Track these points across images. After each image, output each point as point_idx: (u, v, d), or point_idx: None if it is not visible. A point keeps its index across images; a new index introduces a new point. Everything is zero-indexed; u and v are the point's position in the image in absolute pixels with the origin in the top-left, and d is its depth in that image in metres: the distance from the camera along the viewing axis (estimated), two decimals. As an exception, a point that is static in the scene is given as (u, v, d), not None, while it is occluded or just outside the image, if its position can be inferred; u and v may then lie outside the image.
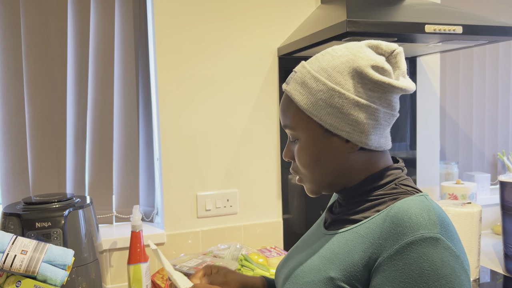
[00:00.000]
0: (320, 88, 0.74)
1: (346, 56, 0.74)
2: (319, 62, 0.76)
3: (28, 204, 1.26)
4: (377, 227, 0.69)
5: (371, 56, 0.73)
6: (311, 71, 0.76)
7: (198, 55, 1.59)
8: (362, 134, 0.74)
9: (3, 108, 1.46)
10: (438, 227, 0.65)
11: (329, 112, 0.73)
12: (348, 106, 0.73)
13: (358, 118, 0.73)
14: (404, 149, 1.90)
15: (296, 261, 0.81)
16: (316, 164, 0.77)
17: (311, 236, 0.86)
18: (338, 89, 0.73)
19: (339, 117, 0.73)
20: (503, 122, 2.23)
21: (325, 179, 0.79)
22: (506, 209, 1.55)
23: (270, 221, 1.72)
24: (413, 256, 0.63)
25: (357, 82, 0.73)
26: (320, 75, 0.74)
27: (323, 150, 0.76)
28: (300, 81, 0.77)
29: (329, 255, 0.73)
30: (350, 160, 0.77)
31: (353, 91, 0.73)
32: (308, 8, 1.71)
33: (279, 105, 1.70)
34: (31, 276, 1.01)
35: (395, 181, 0.76)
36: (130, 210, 1.63)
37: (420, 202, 0.69)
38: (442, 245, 0.64)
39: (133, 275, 1.37)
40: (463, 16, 1.39)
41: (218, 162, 1.64)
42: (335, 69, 0.74)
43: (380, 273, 0.66)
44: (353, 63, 0.73)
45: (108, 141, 1.58)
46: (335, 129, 0.74)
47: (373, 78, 0.72)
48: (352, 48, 0.76)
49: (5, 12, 1.44)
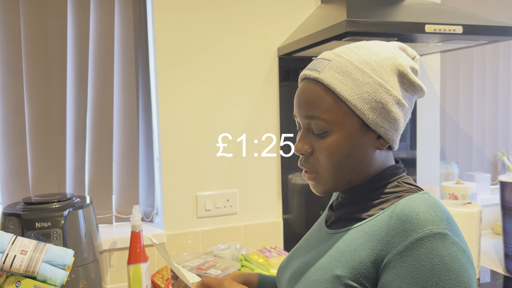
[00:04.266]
0: (366, 80, 0.71)
1: (386, 53, 0.73)
2: (358, 55, 0.73)
3: (28, 204, 1.26)
4: (383, 225, 0.70)
5: (406, 58, 0.75)
6: (353, 62, 0.72)
7: (198, 55, 1.59)
8: (396, 132, 0.75)
9: (3, 108, 1.46)
10: (445, 222, 0.66)
11: (373, 107, 0.71)
12: (391, 102, 0.72)
13: (397, 116, 0.73)
14: (404, 149, 1.90)
15: (300, 261, 0.80)
16: (344, 159, 0.73)
17: (313, 236, 0.86)
18: (384, 84, 0.72)
19: (382, 113, 0.72)
20: (503, 122, 2.23)
21: (346, 176, 0.75)
22: (506, 209, 1.55)
23: (270, 221, 1.72)
24: (423, 251, 0.64)
25: (398, 81, 0.73)
26: (365, 68, 0.71)
27: (356, 145, 0.73)
28: (340, 70, 0.72)
29: (335, 254, 0.73)
30: (374, 158, 0.76)
31: (396, 88, 0.73)
32: (308, 8, 1.71)
33: (279, 104, 1.70)
34: (31, 276, 1.01)
35: (397, 179, 0.77)
36: (130, 210, 1.63)
37: (425, 199, 0.70)
38: (450, 240, 0.65)
39: (133, 275, 1.37)
40: (463, 16, 1.39)
41: (218, 162, 1.64)
42: (379, 63, 0.72)
43: (390, 270, 0.66)
44: (395, 61, 0.73)
45: (108, 141, 1.58)
46: (375, 124, 0.72)
47: (411, 79, 0.73)
48: (387, 46, 0.76)
49: (5, 12, 1.43)
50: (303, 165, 0.78)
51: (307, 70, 0.76)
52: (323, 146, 0.73)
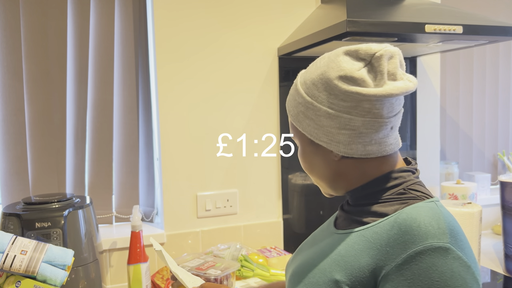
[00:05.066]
0: (300, 101, 0.77)
1: (322, 68, 0.75)
2: (305, 74, 0.79)
3: (28, 204, 1.26)
4: (384, 233, 0.68)
5: (341, 66, 0.71)
6: (297, 84, 0.79)
7: (198, 55, 1.59)
8: (339, 144, 0.74)
9: (3, 108, 1.46)
10: (448, 236, 0.64)
11: (308, 124, 0.77)
12: (321, 117, 0.74)
13: (332, 129, 0.74)
14: (404, 149, 1.90)
15: (303, 258, 0.81)
16: (311, 169, 0.82)
17: (321, 233, 0.86)
18: (311, 101, 0.75)
19: (316, 128, 0.76)
20: (503, 122, 2.23)
21: (325, 182, 0.82)
22: (506, 209, 1.55)
23: (270, 221, 1.72)
24: (422, 266, 0.62)
25: (330, 94, 0.72)
26: (301, 89, 0.78)
27: (313, 157, 0.80)
28: (291, 93, 0.81)
29: (335, 257, 0.72)
30: (341, 167, 0.78)
31: (325, 103, 0.73)
32: (308, 8, 1.71)
33: (279, 104, 1.70)
34: (31, 276, 1.01)
35: (403, 185, 0.74)
36: (130, 210, 1.63)
37: (430, 209, 0.67)
38: (451, 255, 0.62)
39: (133, 275, 1.37)
40: (463, 16, 1.39)
41: (218, 162, 1.64)
42: (312, 81, 0.76)
43: (388, 282, 0.64)
44: (325, 75, 0.73)
45: (108, 141, 1.58)
46: (316, 139, 0.76)
47: (341, 89, 0.71)
48: (330, 57, 0.75)
49: (5, 12, 1.44)
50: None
51: None
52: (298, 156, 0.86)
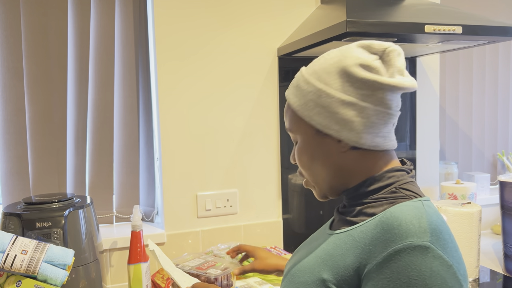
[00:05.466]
0: (310, 89, 0.77)
1: (336, 58, 0.76)
2: (313, 66, 0.79)
3: (28, 204, 1.26)
4: (369, 232, 0.68)
5: (359, 55, 0.74)
6: (304, 75, 0.79)
7: (198, 55, 1.59)
8: (351, 132, 0.74)
9: (3, 108, 1.46)
10: (428, 235, 0.63)
11: (318, 112, 0.76)
12: (334, 104, 0.74)
13: (345, 116, 0.73)
14: (404, 149, 1.90)
15: (297, 258, 0.82)
16: (312, 164, 0.80)
17: (317, 235, 0.86)
18: (325, 88, 0.75)
19: (328, 116, 0.75)
20: (503, 122, 2.23)
21: (324, 180, 0.80)
22: (506, 209, 1.55)
23: (270, 221, 1.72)
24: (401, 264, 0.62)
25: (345, 81, 0.74)
26: (311, 77, 0.77)
27: (317, 150, 0.79)
28: (295, 84, 0.81)
29: (324, 256, 0.73)
30: (345, 160, 0.77)
31: (340, 90, 0.74)
32: (308, 8, 1.72)
33: (279, 104, 1.71)
34: (31, 276, 1.01)
35: (395, 184, 0.74)
36: (130, 210, 1.63)
37: (414, 208, 0.67)
38: (431, 253, 0.62)
39: (133, 275, 1.37)
40: (463, 16, 1.39)
41: (218, 162, 1.64)
42: (325, 70, 0.76)
43: (370, 281, 0.65)
44: (341, 63, 0.75)
45: (108, 141, 1.58)
46: (325, 128, 0.76)
47: (359, 76, 0.73)
48: (343, 49, 0.77)
49: (5, 12, 1.44)
50: (298, 172, 0.86)
51: None
52: (296, 154, 0.83)
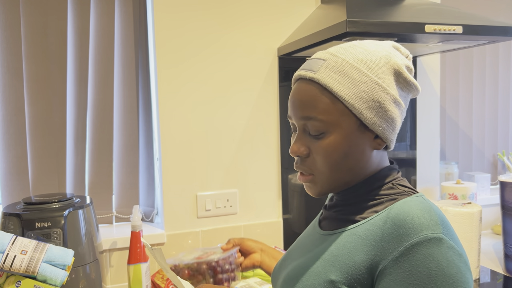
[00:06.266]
0: (363, 79, 0.70)
1: (381, 52, 0.73)
2: (353, 54, 0.72)
3: (28, 204, 1.26)
4: (377, 229, 0.68)
5: (402, 57, 0.74)
6: (349, 61, 0.71)
7: (198, 55, 1.59)
8: (393, 131, 0.74)
9: (3, 108, 1.46)
10: (440, 227, 0.65)
11: (370, 106, 0.70)
12: (388, 101, 0.71)
13: (394, 115, 0.72)
14: (404, 149, 1.90)
15: (294, 263, 0.79)
16: (342, 160, 0.72)
17: (307, 237, 0.84)
18: (381, 82, 0.71)
19: (379, 112, 0.71)
20: (503, 122, 2.23)
21: (343, 177, 0.74)
22: (506, 209, 1.55)
23: (270, 221, 1.72)
24: (419, 257, 0.63)
25: (394, 79, 0.72)
26: (361, 66, 0.70)
27: (353, 146, 0.72)
28: (336, 69, 0.71)
29: (328, 257, 0.72)
30: (371, 158, 0.75)
31: (392, 87, 0.72)
32: (308, 8, 1.71)
33: (279, 104, 1.70)
34: (31, 276, 1.01)
35: (392, 181, 0.76)
36: (130, 210, 1.63)
37: (420, 203, 0.68)
38: (446, 244, 0.63)
39: (133, 275, 1.37)
40: (463, 16, 1.39)
41: (218, 162, 1.64)
42: (375, 62, 0.71)
43: (386, 276, 0.65)
44: (391, 60, 0.72)
45: (108, 141, 1.58)
46: (373, 124, 0.71)
47: (407, 78, 0.73)
48: (382, 45, 0.75)
49: (5, 12, 1.44)
50: (299, 167, 0.76)
51: (302, 71, 0.74)
52: (320, 147, 0.72)
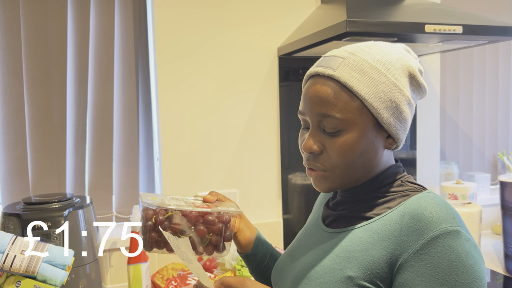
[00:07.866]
0: (382, 79, 0.71)
1: (396, 54, 0.74)
2: (371, 54, 0.72)
3: (28, 204, 1.26)
4: (395, 224, 0.70)
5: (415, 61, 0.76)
6: (368, 61, 0.72)
7: (198, 55, 1.59)
8: (404, 132, 0.76)
9: (3, 108, 1.46)
10: (456, 220, 0.68)
11: (387, 106, 0.71)
12: (404, 103, 0.73)
13: (407, 116, 0.75)
14: (404, 149, 1.90)
15: (303, 262, 0.79)
16: (357, 158, 0.73)
17: (311, 236, 0.84)
18: (398, 84, 0.72)
19: (395, 113, 0.72)
20: (503, 122, 2.23)
21: (355, 175, 0.75)
22: (506, 209, 1.55)
23: (270, 221, 1.72)
24: (440, 249, 0.65)
25: (408, 81, 0.74)
26: (380, 67, 0.71)
27: (368, 144, 0.73)
28: (356, 68, 0.71)
29: (343, 254, 0.72)
30: (381, 157, 0.77)
31: (407, 89, 0.74)
32: (308, 8, 1.71)
33: (279, 104, 1.70)
34: (31, 276, 1.01)
35: (400, 178, 0.78)
36: (130, 210, 1.63)
37: (434, 198, 0.71)
38: (463, 237, 0.66)
39: (133, 275, 1.37)
40: (463, 16, 1.39)
41: (218, 162, 1.64)
42: (392, 63, 0.72)
43: (407, 269, 0.66)
44: (406, 63, 0.74)
45: (108, 141, 1.58)
46: (388, 124, 0.72)
47: (419, 81, 0.75)
48: (396, 47, 0.77)
49: (5, 12, 1.44)
50: (311, 163, 0.75)
51: (319, 67, 0.74)
52: (337, 145, 0.72)
